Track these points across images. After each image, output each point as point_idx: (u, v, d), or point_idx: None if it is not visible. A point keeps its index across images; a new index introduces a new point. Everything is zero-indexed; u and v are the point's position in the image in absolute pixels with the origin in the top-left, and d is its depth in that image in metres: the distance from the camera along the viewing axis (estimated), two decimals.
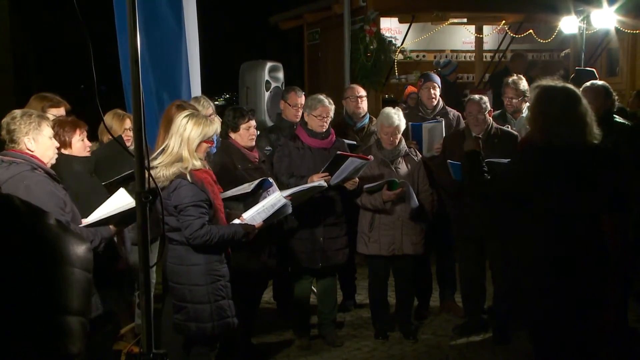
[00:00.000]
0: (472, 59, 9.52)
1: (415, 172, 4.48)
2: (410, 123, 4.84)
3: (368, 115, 5.09)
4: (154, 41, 4.69)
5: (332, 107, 4.33)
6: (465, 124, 4.56)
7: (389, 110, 4.45)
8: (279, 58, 6.53)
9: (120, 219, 3.06)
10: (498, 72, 8.37)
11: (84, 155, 3.40)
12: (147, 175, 2.14)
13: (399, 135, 4.45)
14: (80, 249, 1.25)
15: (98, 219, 3.00)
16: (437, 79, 5.19)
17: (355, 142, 4.80)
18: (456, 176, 4.23)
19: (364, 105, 5.02)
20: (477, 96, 4.43)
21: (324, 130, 4.31)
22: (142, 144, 2.10)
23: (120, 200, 3.03)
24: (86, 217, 3.02)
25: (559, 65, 8.93)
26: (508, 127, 4.67)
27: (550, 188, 2.72)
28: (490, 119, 4.44)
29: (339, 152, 4.09)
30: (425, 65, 9.31)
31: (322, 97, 4.34)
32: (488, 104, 4.39)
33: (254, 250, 3.83)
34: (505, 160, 4.02)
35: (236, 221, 3.34)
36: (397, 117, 4.40)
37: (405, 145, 4.51)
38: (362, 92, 5.08)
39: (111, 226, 3.08)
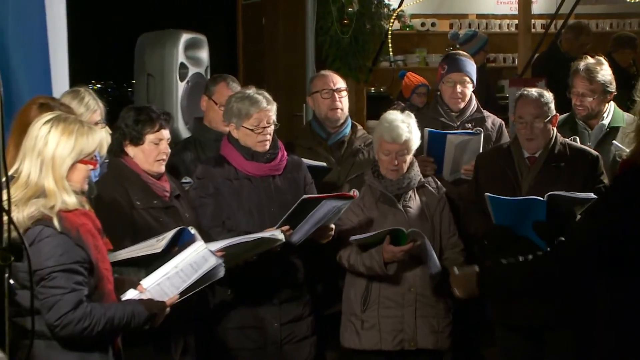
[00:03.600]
0: (513, 29, 9.76)
1: (437, 215, 4.58)
2: (427, 130, 4.96)
3: (349, 120, 5.18)
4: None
5: (274, 107, 4.45)
6: (510, 136, 4.75)
7: (395, 116, 4.54)
8: (202, 27, 6.65)
9: None
10: (544, 54, 8.63)
11: None
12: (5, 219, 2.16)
13: (410, 157, 4.54)
14: None
15: None
16: (471, 66, 5.29)
17: (325, 165, 4.91)
18: (500, 220, 4.34)
19: (343, 104, 5.09)
20: (534, 91, 4.55)
21: (267, 147, 4.45)
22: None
23: None
24: None
25: None
26: (576, 141, 4.80)
27: None
28: (554, 130, 4.56)
29: (306, 197, 4.21)
30: (436, 39, 9.50)
31: (253, 93, 4.45)
32: (552, 105, 4.53)
33: (161, 345, 3.89)
34: (581, 195, 4.17)
35: (133, 294, 3.40)
36: (407, 127, 4.49)
37: (419, 171, 4.63)
38: (340, 82, 5.16)
39: None
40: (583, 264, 3.12)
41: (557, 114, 4.60)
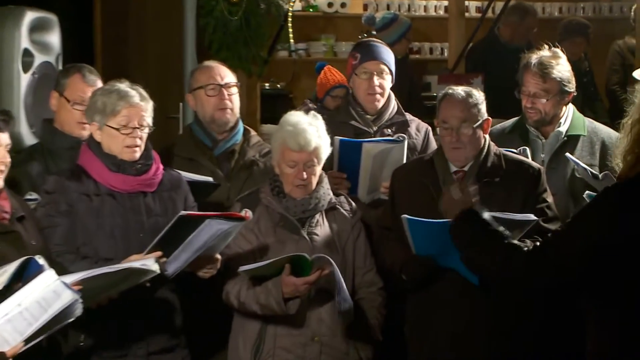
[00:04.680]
0: (442, 12, 10.00)
1: (350, 245, 4.65)
2: (338, 138, 5.02)
3: (241, 124, 5.24)
4: None
5: (149, 106, 4.48)
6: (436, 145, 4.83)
7: (299, 117, 4.59)
8: (51, 3, 6.58)
9: None
10: (480, 43, 8.95)
11: None
12: None
13: (319, 169, 4.60)
14: None
15: None
16: (389, 55, 5.42)
17: (212, 180, 4.95)
18: (421, 249, 4.39)
19: (232, 103, 5.14)
20: (460, 90, 4.63)
21: (138, 155, 4.46)
22: None
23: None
24: None
25: (622, 27, 9.70)
26: (526, 152, 4.96)
27: None
28: (486, 138, 4.67)
29: (185, 214, 4.21)
30: (347, 23, 9.69)
31: (125, 86, 4.47)
32: (482, 107, 4.63)
33: None
34: (519, 217, 4.29)
35: None
36: (316, 131, 4.55)
37: (329, 190, 4.69)
38: (229, 76, 5.21)
39: None
40: (559, 275, 3.32)
41: (489, 118, 4.69)
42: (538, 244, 3.44)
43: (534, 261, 3.36)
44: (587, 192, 4.77)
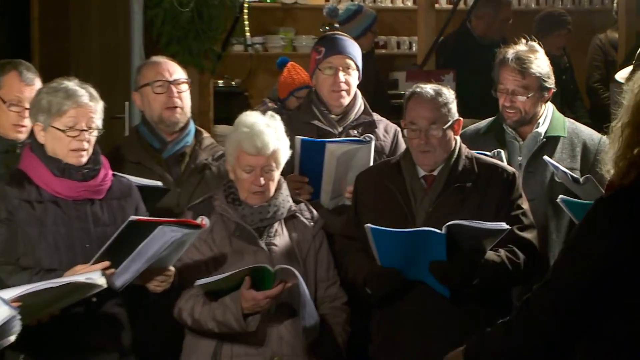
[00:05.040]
0: (411, 3, 10.07)
1: (312, 256, 4.69)
2: (299, 138, 5.05)
3: (192, 125, 5.25)
4: None
5: (99, 107, 4.48)
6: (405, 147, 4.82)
7: (255, 118, 4.61)
8: None
9: None
10: (452, 37, 9.04)
11: None
12: None
13: (277, 173, 4.62)
14: None
15: None
16: (356, 49, 5.44)
17: (162, 185, 4.95)
18: (386, 260, 4.42)
19: (183, 102, 5.15)
20: (429, 88, 4.65)
21: (84, 159, 4.45)
22: None
23: None
24: None
25: (603, 20, 9.87)
26: (501, 155, 5.02)
27: None
28: (456, 140, 4.71)
29: (135, 219, 4.20)
30: (308, 15, 9.70)
31: (74, 85, 4.46)
32: (453, 106, 4.65)
33: None
34: (491, 225, 4.33)
35: None
36: (274, 133, 4.57)
37: (289, 196, 4.71)
38: (179, 72, 5.22)
39: None
40: (565, 321, 3.24)
41: (460, 118, 4.73)
42: (529, 299, 3.34)
43: (530, 323, 3.29)
44: (561, 196, 4.78)
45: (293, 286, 4.41)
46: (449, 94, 4.68)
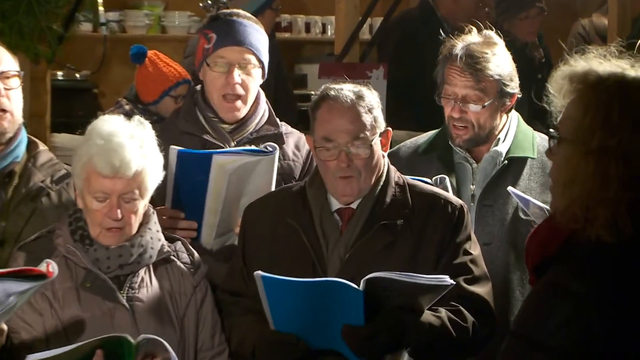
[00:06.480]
0: None
1: (191, 314, 4.71)
2: (176, 149, 5.04)
3: (23, 134, 5.23)
4: None
5: None
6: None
7: (115, 125, 4.61)
8: None
9: None
10: (407, 16, 9.27)
11: None
12: None
13: (142, 203, 4.61)
14: None
15: None
16: (259, 36, 5.43)
17: None
18: (282, 322, 4.43)
19: (12, 103, 5.12)
20: (347, 90, 4.66)
21: None
22: None
23: None
24: None
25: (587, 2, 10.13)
26: (445, 183, 5.09)
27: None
28: (384, 161, 4.74)
29: None
30: None
31: None
32: (378, 112, 4.68)
33: None
34: (426, 279, 4.29)
35: None
36: (139, 146, 4.54)
37: (160, 232, 4.72)
38: (7, 61, 5.19)
39: None
40: None
41: (390, 129, 4.75)
42: None
43: None
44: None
45: None
46: (373, 96, 4.70)
